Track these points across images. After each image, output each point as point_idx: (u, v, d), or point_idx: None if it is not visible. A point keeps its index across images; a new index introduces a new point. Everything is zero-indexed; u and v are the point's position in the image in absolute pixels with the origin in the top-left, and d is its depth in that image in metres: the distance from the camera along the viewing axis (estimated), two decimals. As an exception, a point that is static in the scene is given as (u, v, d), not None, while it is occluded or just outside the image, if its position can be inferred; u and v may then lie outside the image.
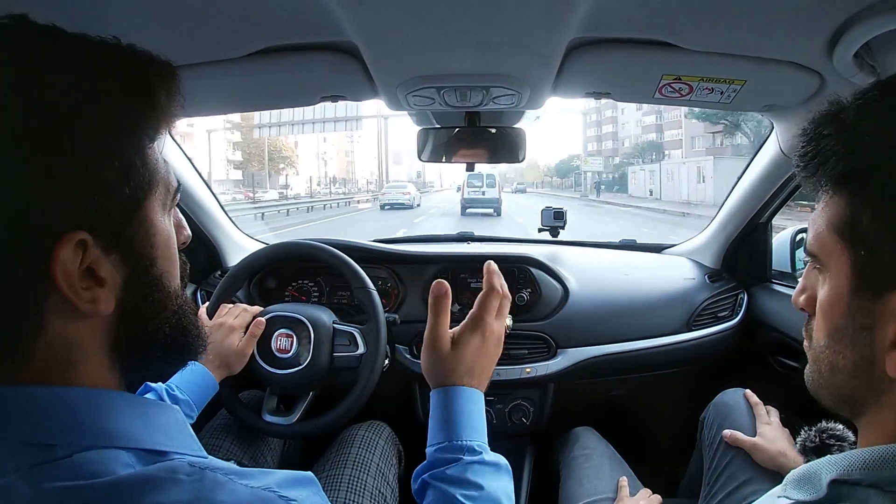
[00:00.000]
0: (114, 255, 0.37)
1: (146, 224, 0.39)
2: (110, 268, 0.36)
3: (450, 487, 0.57)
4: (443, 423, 0.61)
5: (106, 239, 0.36)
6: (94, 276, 0.36)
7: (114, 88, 0.36)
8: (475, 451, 0.60)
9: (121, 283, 0.37)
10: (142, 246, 0.39)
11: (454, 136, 1.16)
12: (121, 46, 0.38)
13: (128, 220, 0.37)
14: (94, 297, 0.36)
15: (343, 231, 10.56)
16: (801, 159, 0.42)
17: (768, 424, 0.96)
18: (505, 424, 1.29)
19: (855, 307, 0.39)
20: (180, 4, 0.65)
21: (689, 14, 0.70)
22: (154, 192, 0.39)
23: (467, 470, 0.59)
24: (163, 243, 0.40)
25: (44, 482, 0.32)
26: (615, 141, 51.69)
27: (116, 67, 0.37)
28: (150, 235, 0.39)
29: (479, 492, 0.57)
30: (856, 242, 0.38)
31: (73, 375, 0.37)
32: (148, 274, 0.39)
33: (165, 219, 0.41)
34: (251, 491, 0.35)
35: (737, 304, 1.38)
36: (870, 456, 0.37)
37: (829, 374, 0.42)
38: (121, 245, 0.37)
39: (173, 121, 0.41)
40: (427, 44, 0.76)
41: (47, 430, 0.34)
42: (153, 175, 0.39)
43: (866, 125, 0.37)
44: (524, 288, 1.33)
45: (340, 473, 0.96)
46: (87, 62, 0.36)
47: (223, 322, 1.02)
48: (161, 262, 0.40)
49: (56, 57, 0.35)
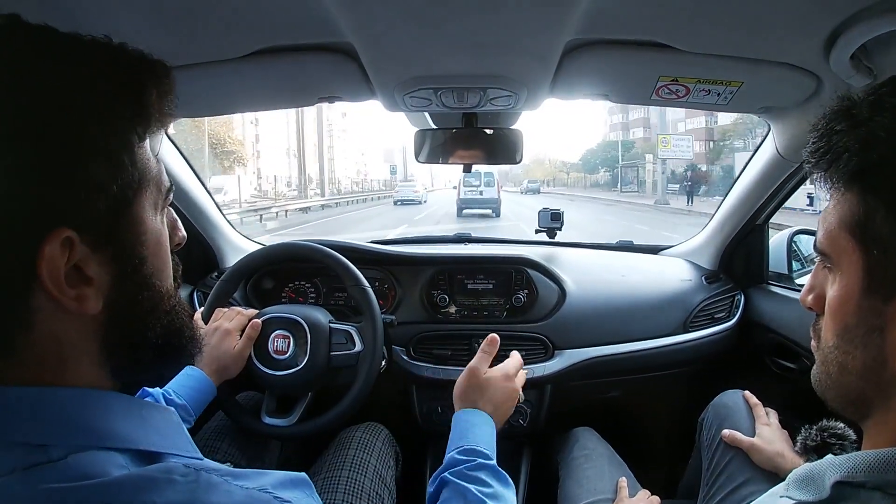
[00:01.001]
0: (102, 254, 0.36)
1: (136, 223, 0.38)
2: (98, 266, 0.36)
3: (465, 483, 0.66)
4: (464, 433, 0.74)
5: (93, 237, 0.35)
6: (81, 274, 0.35)
7: (103, 87, 0.36)
8: (489, 457, 0.71)
9: (109, 282, 0.37)
10: (131, 245, 0.38)
11: (451, 138, 1.16)
12: (112, 45, 0.38)
13: (116, 218, 0.37)
14: (81, 295, 0.35)
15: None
16: (812, 155, 0.41)
17: (767, 426, 0.96)
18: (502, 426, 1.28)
19: (866, 307, 0.38)
20: (177, 5, 0.65)
21: (685, 16, 0.70)
22: (145, 191, 0.39)
23: (481, 470, 0.69)
24: (153, 242, 0.40)
25: (39, 483, 0.32)
26: (646, 129, 41.60)
27: (107, 66, 0.36)
28: (140, 234, 0.39)
29: (491, 489, 0.66)
30: (868, 241, 0.38)
31: (65, 375, 0.37)
32: (138, 273, 0.39)
33: (157, 218, 0.41)
34: (246, 492, 0.35)
35: (734, 306, 1.39)
36: (874, 458, 0.37)
37: (838, 375, 0.41)
38: (109, 243, 0.37)
39: (167, 120, 0.41)
40: (424, 45, 0.76)
41: (41, 431, 0.34)
42: (144, 174, 0.39)
43: (880, 121, 0.37)
44: (521, 289, 1.33)
45: (338, 475, 0.96)
46: (78, 61, 0.36)
47: (219, 325, 1.01)
48: (152, 261, 0.40)
49: (46, 55, 0.35)
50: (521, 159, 1.18)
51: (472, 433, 0.74)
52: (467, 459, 0.69)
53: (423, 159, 1.19)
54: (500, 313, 1.33)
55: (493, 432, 0.76)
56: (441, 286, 1.34)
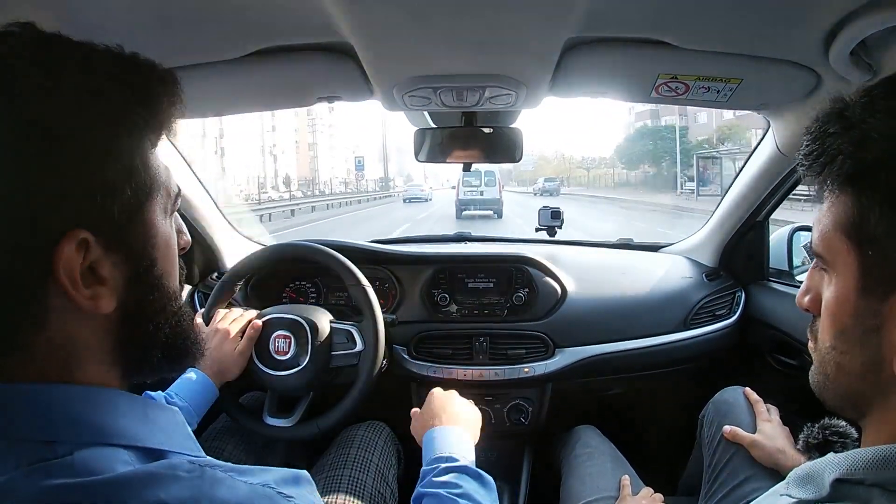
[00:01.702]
0: (115, 255, 0.37)
1: (147, 226, 0.40)
2: (112, 267, 0.37)
3: (436, 489, 0.69)
4: (428, 450, 0.79)
5: (108, 238, 0.37)
6: (95, 274, 0.36)
7: (119, 94, 0.37)
8: (452, 458, 0.75)
9: (122, 283, 0.38)
10: (143, 247, 0.39)
11: (451, 136, 1.16)
12: (125, 55, 0.39)
13: (129, 221, 0.38)
14: (96, 294, 0.36)
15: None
16: (805, 158, 0.41)
17: (768, 422, 0.96)
18: (503, 424, 1.29)
19: (863, 308, 0.38)
20: (176, 6, 0.65)
21: (684, 13, 0.70)
22: (155, 196, 0.40)
23: (447, 473, 0.72)
24: (163, 245, 0.41)
25: (45, 480, 0.32)
26: (682, 115, 34.15)
27: (122, 74, 0.38)
28: (151, 237, 0.40)
29: (459, 489, 0.69)
30: (863, 242, 0.38)
31: (74, 373, 0.37)
32: (149, 274, 0.40)
33: (167, 221, 0.42)
34: (250, 487, 0.36)
35: (734, 303, 1.39)
36: (873, 456, 0.37)
37: (836, 376, 0.41)
38: (122, 245, 0.38)
39: (175, 127, 0.43)
40: (423, 44, 0.76)
41: (47, 427, 0.35)
42: (155, 179, 0.40)
43: (874, 123, 0.37)
44: (521, 288, 1.33)
45: (340, 474, 0.96)
46: (93, 68, 0.37)
47: (219, 327, 1.02)
48: (161, 263, 0.41)
49: (64, 62, 0.36)
50: (521, 157, 1.18)
51: (433, 446, 0.78)
52: (432, 468, 0.73)
53: (422, 158, 1.19)
54: (500, 312, 1.33)
55: (458, 433, 0.80)
56: (442, 285, 1.35)
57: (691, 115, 34.11)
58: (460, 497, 0.67)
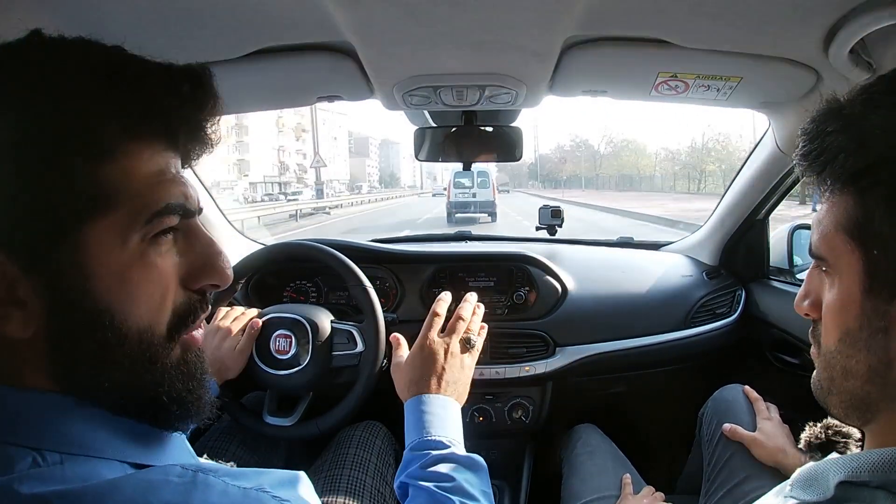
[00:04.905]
0: (35, 279, 0.34)
1: (81, 250, 0.35)
2: (30, 292, 0.34)
3: (426, 482, 0.64)
4: (417, 425, 0.71)
5: (24, 261, 0.34)
6: (13, 296, 0.34)
7: (46, 98, 0.34)
8: (443, 445, 0.68)
9: (43, 311, 0.35)
10: (72, 274, 0.35)
11: (451, 136, 1.16)
12: (70, 55, 0.36)
13: (53, 243, 0.34)
14: (7, 314, 0.34)
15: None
16: (804, 158, 0.41)
17: (768, 420, 0.96)
18: (504, 423, 1.29)
19: (869, 309, 0.38)
20: (175, 5, 0.65)
21: (684, 11, 0.70)
22: (109, 214, 0.35)
23: (438, 463, 0.66)
24: (112, 274, 0.36)
25: (36, 486, 0.32)
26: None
27: (55, 77, 0.35)
28: (85, 264, 0.35)
29: (451, 483, 0.63)
30: (868, 241, 0.37)
31: (24, 381, 0.36)
32: (79, 307, 0.35)
33: (130, 246, 0.36)
34: (243, 492, 0.35)
35: (735, 301, 1.39)
36: (878, 458, 0.36)
37: (842, 380, 0.40)
38: (44, 269, 0.34)
39: (170, 130, 0.40)
40: (423, 43, 0.76)
41: (35, 435, 0.34)
42: (112, 195, 0.35)
43: (875, 119, 0.36)
44: (522, 287, 1.33)
45: (339, 474, 0.96)
46: (14, 75, 0.34)
47: (220, 326, 1.02)
48: (105, 296, 0.35)
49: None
50: (521, 156, 1.18)
51: (422, 421, 0.71)
52: (421, 455, 0.67)
53: (423, 157, 1.19)
54: (501, 311, 1.33)
55: (450, 407, 0.73)
56: (442, 284, 1.34)
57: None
58: (452, 492, 0.62)
